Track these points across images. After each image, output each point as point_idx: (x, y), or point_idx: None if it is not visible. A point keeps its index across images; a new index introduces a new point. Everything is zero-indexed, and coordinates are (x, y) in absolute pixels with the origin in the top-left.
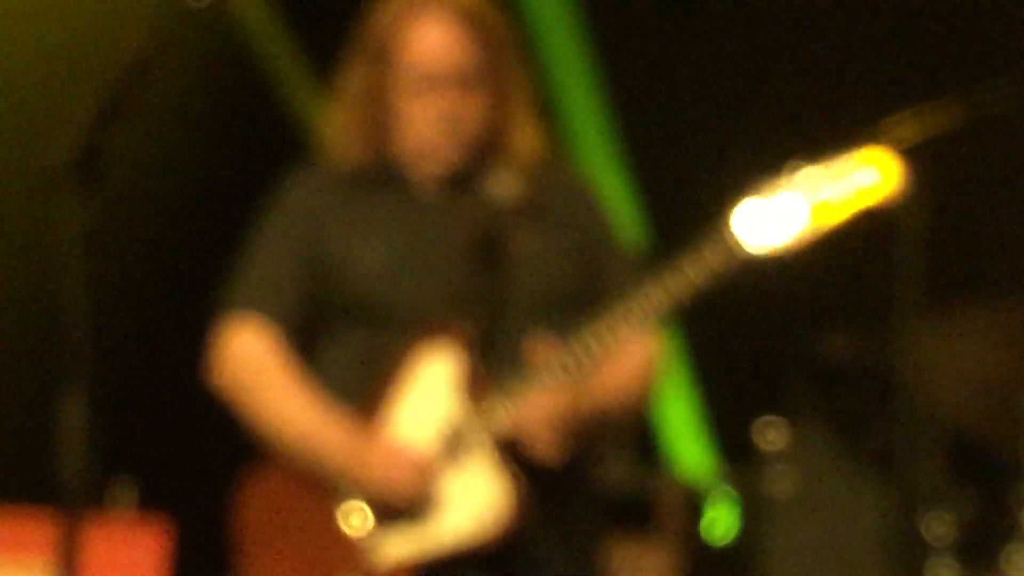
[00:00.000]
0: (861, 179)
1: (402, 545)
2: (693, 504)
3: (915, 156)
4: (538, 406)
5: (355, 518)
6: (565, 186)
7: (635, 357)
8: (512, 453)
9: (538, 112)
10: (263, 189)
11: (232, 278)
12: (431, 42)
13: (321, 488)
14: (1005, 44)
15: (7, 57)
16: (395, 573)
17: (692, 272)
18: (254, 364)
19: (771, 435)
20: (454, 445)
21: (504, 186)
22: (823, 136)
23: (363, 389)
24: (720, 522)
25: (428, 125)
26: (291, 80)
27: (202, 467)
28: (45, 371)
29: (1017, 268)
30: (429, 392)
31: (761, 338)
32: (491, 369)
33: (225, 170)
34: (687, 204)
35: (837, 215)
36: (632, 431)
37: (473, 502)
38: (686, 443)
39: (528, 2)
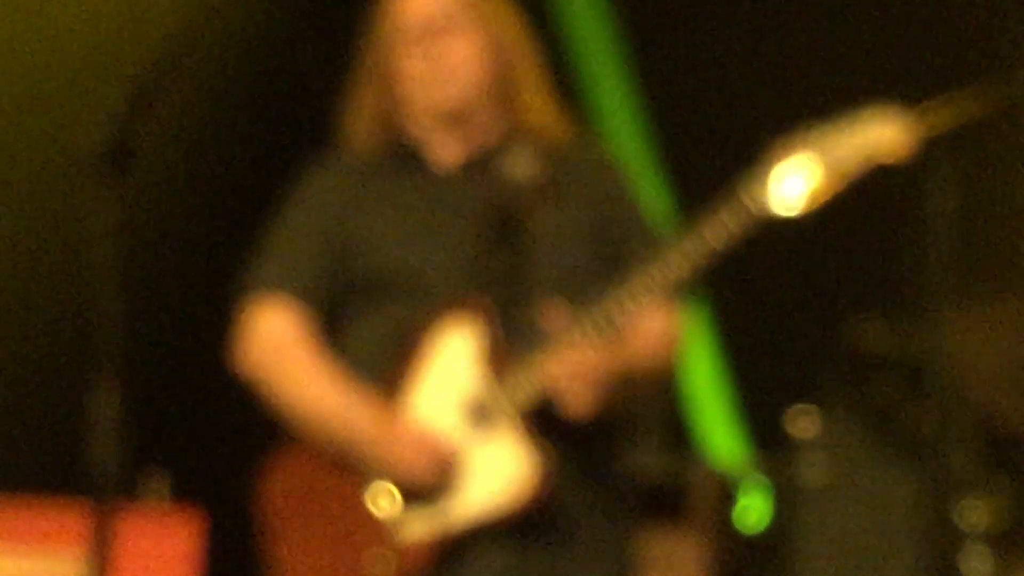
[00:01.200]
0: (875, 136)
1: (429, 522)
2: (725, 492)
3: (948, 142)
4: (569, 361)
5: (383, 499)
6: (588, 164)
7: (658, 326)
8: (539, 420)
9: (552, 85)
10: (289, 174)
11: (255, 260)
12: (407, 1)
13: (347, 469)
14: None
15: (39, 50)
16: (423, 549)
17: (710, 234)
18: (279, 344)
19: (803, 423)
20: (478, 418)
21: (522, 165)
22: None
23: (386, 366)
24: (752, 511)
25: (422, 73)
26: (319, 74)
27: (234, 458)
28: (77, 363)
29: None
30: (451, 366)
31: (794, 326)
32: (512, 342)
33: (252, 158)
34: (713, 182)
35: (853, 173)
36: (663, 418)
37: (499, 475)
38: (718, 431)
39: None
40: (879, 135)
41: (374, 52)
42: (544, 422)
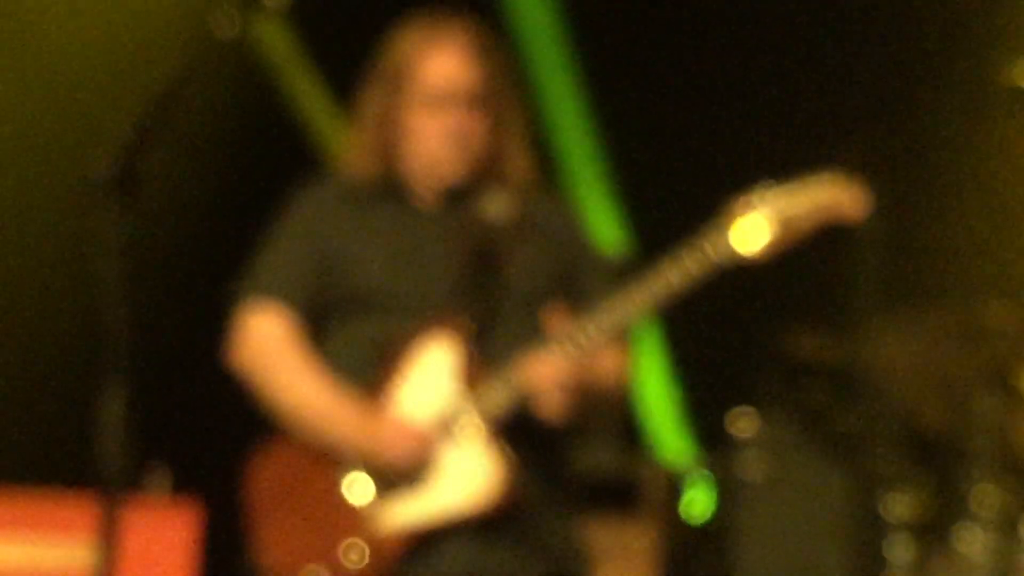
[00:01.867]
0: (826, 200)
1: (401, 515)
2: (673, 486)
3: (874, 175)
4: (550, 367)
5: (358, 487)
6: (550, 208)
7: (617, 356)
8: (504, 429)
9: (531, 140)
10: (279, 198)
11: (251, 269)
12: (443, 65)
13: (326, 460)
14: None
15: (58, 89)
16: (394, 540)
17: (673, 276)
18: (271, 345)
19: (743, 424)
20: (451, 426)
21: (497, 205)
22: (793, 159)
23: (367, 374)
24: (698, 502)
25: (437, 140)
26: (309, 103)
27: (230, 453)
28: (88, 368)
29: (963, 275)
30: (429, 378)
31: (735, 337)
32: (485, 359)
33: (245, 183)
34: (667, 216)
35: (801, 230)
36: (619, 422)
37: (467, 478)
38: (667, 432)
39: (518, 25)
40: (829, 199)
41: (384, 95)
42: (508, 431)
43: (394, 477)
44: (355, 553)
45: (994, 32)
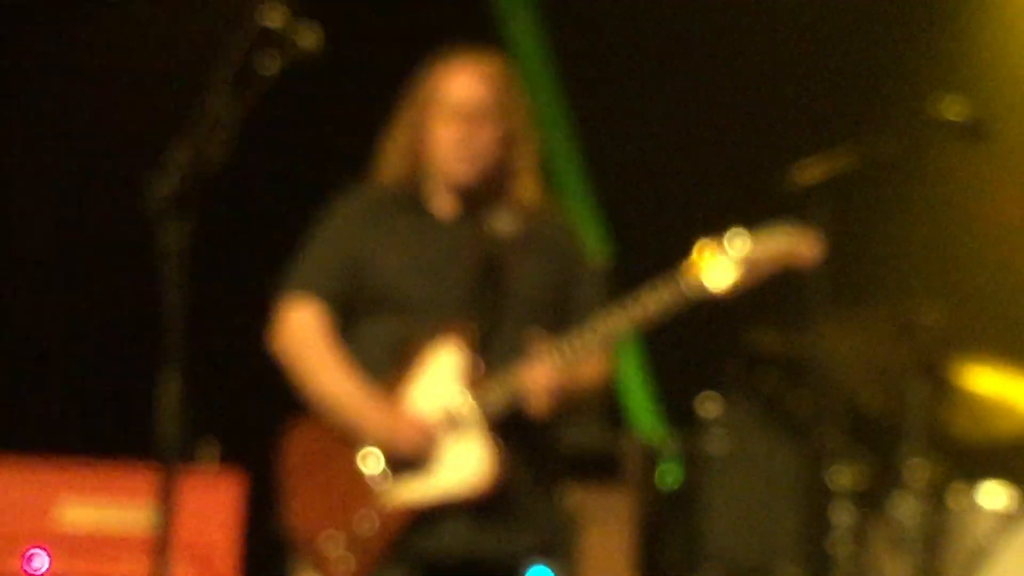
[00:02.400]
0: (785, 249)
1: (407, 493)
2: (649, 459)
3: (821, 191)
4: (540, 374)
5: (370, 461)
6: (552, 224)
7: (599, 365)
8: (500, 425)
9: (539, 164)
10: (317, 207)
11: (291, 267)
12: (459, 84)
13: (347, 440)
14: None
15: (126, 124)
16: (400, 514)
17: (649, 304)
18: (305, 335)
19: (709, 406)
20: (453, 421)
21: (505, 221)
22: (752, 177)
23: (385, 369)
24: (669, 473)
25: (449, 144)
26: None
27: (269, 431)
28: (150, 355)
29: (897, 279)
30: (437, 377)
31: (703, 332)
32: (487, 362)
33: (288, 195)
34: (644, 233)
35: (762, 274)
36: (602, 405)
37: (465, 466)
38: (643, 412)
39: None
40: (789, 249)
41: (414, 111)
42: (503, 427)
43: (402, 462)
44: (367, 522)
45: (925, 68)
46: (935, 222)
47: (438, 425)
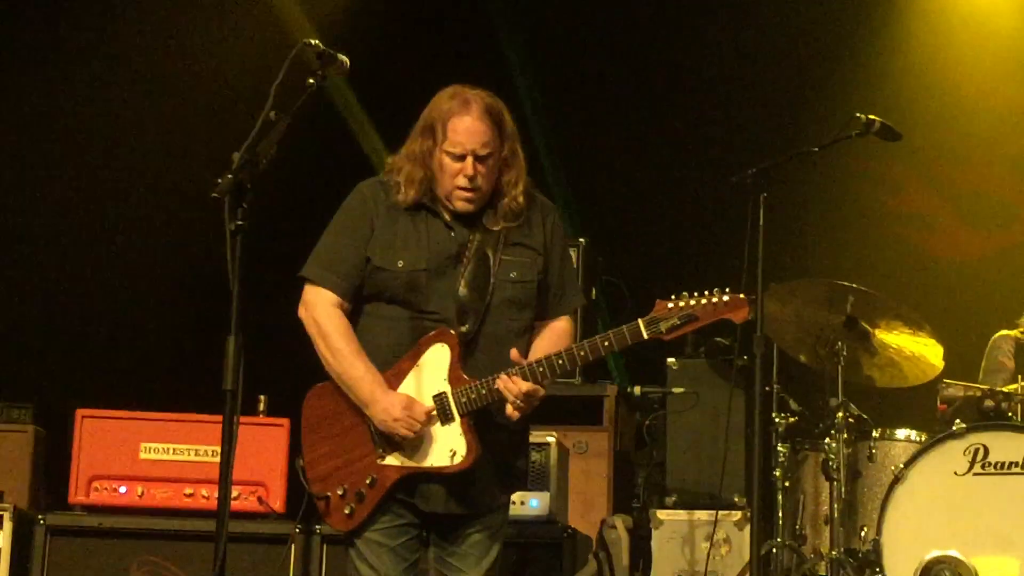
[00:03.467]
0: (719, 311)
1: (398, 462)
2: (627, 404)
3: (760, 180)
4: (513, 387)
5: (374, 430)
6: (539, 227)
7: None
8: (475, 417)
9: (527, 176)
10: (337, 200)
11: (312, 255)
12: (464, 127)
13: (355, 406)
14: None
15: (191, 129)
16: (391, 471)
17: (614, 340)
18: (321, 314)
19: (674, 361)
20: (438, 410)
21: (499, 226)
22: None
23: (388, 358)
24: (643, 415)
25: (454, 178)
26: (363, 137)
27: (306, 389)
28: (216, 324)
29: (827, 258)
30: (428, 374)
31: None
32: (470, 364)
33: (317, 191)
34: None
35: (698, 325)
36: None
37: (444, 449)
38: (621, 366)
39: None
40: (723, 311)
41: (429, 137)
42: (477, 420)
43: (395, 442)
44: (368, 478)
45: (842, 90)
46: (857, 210)
47: (427, 412)
